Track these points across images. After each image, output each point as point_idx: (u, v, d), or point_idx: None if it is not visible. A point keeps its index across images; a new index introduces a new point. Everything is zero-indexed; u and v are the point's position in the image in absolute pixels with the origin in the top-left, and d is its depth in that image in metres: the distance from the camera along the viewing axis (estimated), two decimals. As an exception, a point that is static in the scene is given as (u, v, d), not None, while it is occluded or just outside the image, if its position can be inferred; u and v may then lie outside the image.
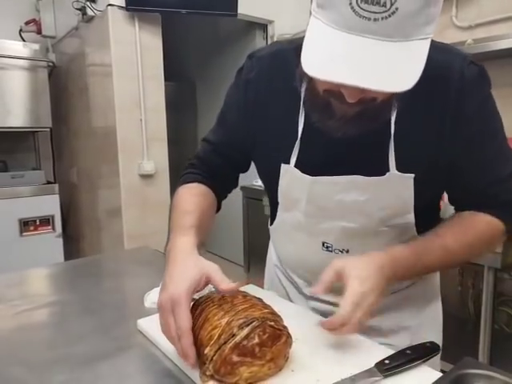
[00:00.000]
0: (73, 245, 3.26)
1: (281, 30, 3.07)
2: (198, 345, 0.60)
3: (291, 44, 0.82)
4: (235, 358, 0.56)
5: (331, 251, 0.80)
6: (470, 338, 1.84)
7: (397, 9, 0.52)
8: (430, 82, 0.65)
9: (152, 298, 0.87)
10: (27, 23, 3.01)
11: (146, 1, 2.29)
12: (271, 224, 0.93)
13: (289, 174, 0.78)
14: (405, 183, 0.72)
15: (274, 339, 0.59)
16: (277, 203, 0.86)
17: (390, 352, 0.64)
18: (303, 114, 0.75)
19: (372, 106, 0.62)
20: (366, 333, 0.73)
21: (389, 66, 0.54)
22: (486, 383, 0.59)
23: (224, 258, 3.78)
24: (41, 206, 2.76)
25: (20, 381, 0.64)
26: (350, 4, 0.53)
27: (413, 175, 0.71)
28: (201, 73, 4.02)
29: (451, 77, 0.69)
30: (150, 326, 0.76)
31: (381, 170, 0.71)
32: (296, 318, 0.72)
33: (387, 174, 0.71)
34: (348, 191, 0.74)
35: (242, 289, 0.75)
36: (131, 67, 2.45)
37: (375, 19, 0.53)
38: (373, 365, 0.60)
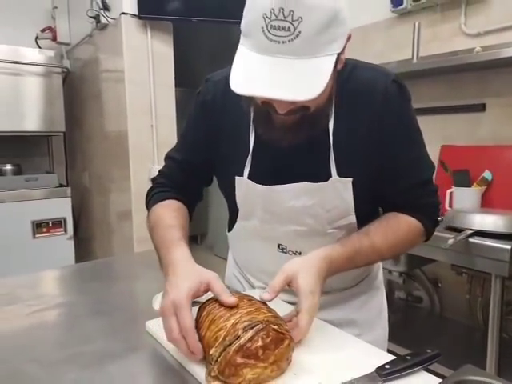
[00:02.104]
0: (84, 247, 3.31)
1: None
2: (204, 346, 0.63)
3: None
4: (239, 360, 0.58)
5: (286, 253, 0.89)
6: (480, 347, 1.83)
7: (300, 32, 0.62)
8: (359, 97, 0.79)
9: (160, 300, 0.90)
10: (43, 30, 3.08)
11: (157, 9, 2.34)
12: (229, 231, 1.00)
13: (243, 185, 0.86)
14: (345, 186, 0.81)
15: (277, 342, 0.61)
16: (235, 212, 0.93)
17: (391, 357, 0.66)
18: (253, 132, 0.84)
19: (308, 115, 0.71)
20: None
21: (297, 80, 0.64)
22: (484, 390, 0.60)
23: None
24: (53, 208, 2.81)
25: (33, 378, 0.67)
26: (263, 31, 0.63)
27: (351, 179, 0.81)
28: (211, 79, 4.05)
29: (376, 93, 0.79)
30: (158, 327, 0.78)
31: (324, 176, 0.81)
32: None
33: (330, 179, 0.80)
34: (298, 197, 0.83)
35: (248, 293, 0.77)
36: (143, 74, 2.49)
37: (283, 42, 0.63)
38: (373, 369, 0.62)
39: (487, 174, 2.06)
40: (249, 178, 0.85)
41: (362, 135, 0.80)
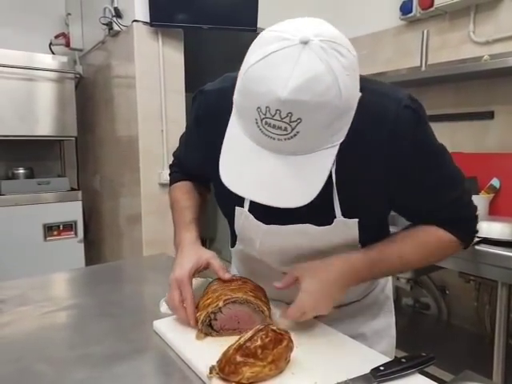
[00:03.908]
0: (94, 250, 3.35)
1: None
2: (197, 311, 0.78)
3: None
4: (238, 359, 0.61)
5: None
6: (488, 355, 1.82)
7: (298, 132, 0.56)
8: (364, 131, 0.68)
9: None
10: (57, 37, 3.13)
11: (169, 17, 2.37)
12: (232, 246, 0.98)
13: (243, 216, 0.82)
14: (350, 227, 0.77)
15: (275, 342, 0.63)
16: (235, 233, 0.91)
17: (386, 360, 0.67)
18: None
19: None
20: None
21: (293, 182, 0.60)
22: (482, 396, 0.62)
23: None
24: (64, 211, 2.85)
25: (43, 377, 0.69)
26: (257, 123, 0.57)
27: (357, 220, 0.75)
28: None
29: (385, 123, 0.70)
30: (166, 327, 0.81)
31: (328, 216, 0.75)
32: (300, 325, 0.78)
33: (335, 221, 0.75)
34: (300, 237, 0.79)
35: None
36: (154, 80, 2.53)
37: (279, 139, 0.57)
38: (368, 371, 0.63)
39: (495, 182, 2.06)
40: (249, 210, 0.80)
41: (369, 173, 0.73)
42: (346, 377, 0.63)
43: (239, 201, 0.80)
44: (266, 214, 0.78)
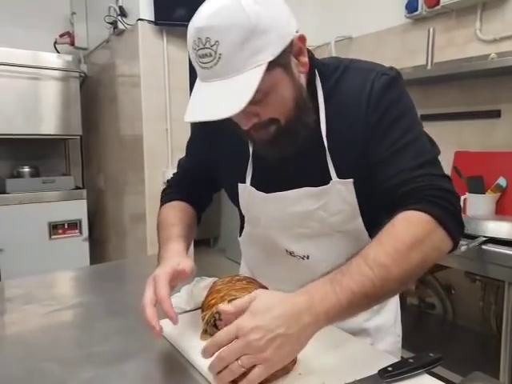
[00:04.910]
0: (98, 248, 3.35)
1: (305, 42, 3.10)
2: (202, 310, 0.80)
3: None
4: None
5: (294, 256, 0.90)
6: (494, 355, 1.81)
7: (220, 54, 0.66)
8: (350, 99, 0.79)
9: (173, 302, 0.91)
10: (61, 35, 3.15)
11: (173, 16, 2.37)
12: (240, 236, 1.01)
13: (246, 192, 0.89)
14: (347, 188, 0.81)
15: None
16: (243, 218, 0.97)
17: (394, 360, 0.66)
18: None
19: (283, 128, 0.75)
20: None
21: (225, 98, 0.68)
22: (492, 397, 0.61)
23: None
24: (69, 210, 2.87)
25: (50, 376, 0.69)
26: (196, 61, 0.70)
27: (352, 180, 0.80)
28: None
29: (364, 90, 0.78)
30: (169, 327, 0.79)
31: (325, 180, 0.81)
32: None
33: (331, 182, 0.81)
34: (300, 202, 0.84)
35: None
36: (158, 78, 2.53)
37: (210, 67, 0.68)
38: (376, 371, 0.63)
39: (502, 181, 2.04)
40: (251, 184, 0.87)
41: (355, 135, 0.79)
42: (354, 377, 0.62)
43: (242, 179, 0.88)
44: (265, 184, 0.85)
